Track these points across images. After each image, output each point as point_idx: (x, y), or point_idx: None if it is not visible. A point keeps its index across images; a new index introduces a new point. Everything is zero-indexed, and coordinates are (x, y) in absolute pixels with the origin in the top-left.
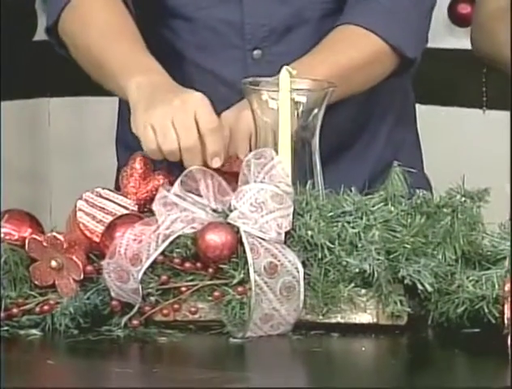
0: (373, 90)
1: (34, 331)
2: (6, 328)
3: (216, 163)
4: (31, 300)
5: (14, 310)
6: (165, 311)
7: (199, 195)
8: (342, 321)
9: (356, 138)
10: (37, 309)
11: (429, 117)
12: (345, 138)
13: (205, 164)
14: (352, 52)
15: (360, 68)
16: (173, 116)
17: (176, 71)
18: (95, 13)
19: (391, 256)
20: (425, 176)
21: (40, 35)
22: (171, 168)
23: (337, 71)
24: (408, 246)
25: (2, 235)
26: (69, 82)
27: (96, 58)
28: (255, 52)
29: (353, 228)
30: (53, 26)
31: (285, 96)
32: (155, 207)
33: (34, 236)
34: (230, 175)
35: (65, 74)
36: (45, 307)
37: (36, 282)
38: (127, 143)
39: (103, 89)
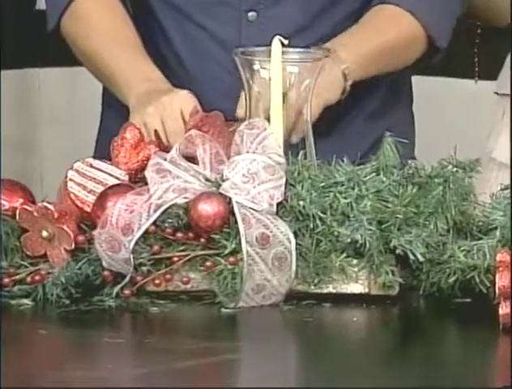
0: None
1: (25, 300)
2: None
3: None
4: (22, 270)
5: (6, 280)
6: (157, 281)
7: (195, 161)
8: (333, 291)
9: (343, 113)
10: (29, 279)
11: (421, 88)
12: (332, 114)
13: None
14: (394, 31)
15: (399, 48)
16: (163, 110)
17: (172, 26)
18: (96, 20)
19: (383, 226)
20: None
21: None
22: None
23: (382, 49)
24: (400, 216)
25: None
26: (60, 51)
27: (98, 66)
28: (250, 13)
29: (345, 198)
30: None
31: (277, 66)
32: (147, 173)
33: (25, 206)
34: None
35: (56, 44)
36: (37, 277)
37: (28, 252)
38: (115, 105)
39: None
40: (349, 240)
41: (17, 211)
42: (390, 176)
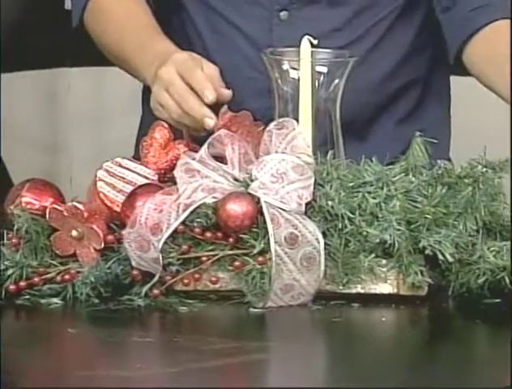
0: (400, 64)
1: (55, 300)
2: (27, 297)
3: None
4: (52, 269)
5: (36, 279)
6: (186, 281)
7: (224, 161)
8: (362, 291)
9: (380, 113)
10: (58, 278)
11: (455, 88)
12: (368, 113)
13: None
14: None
15: None
16: (178, 64)
17: (204, 24)
18: (110, 9)
19: (412, 226)
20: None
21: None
22: (192, 137)
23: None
24: (429, 217)
25: (24, 204)
26: (89, 52)
27: (118, 55)
28: (282, 13)
29: (374, 198)
30: (79, 27)
31: (306, 66)
32: (176, 173)
33: (55, 205)
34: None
35: (85, 44)
36: (66, 276)
37: (57, 251)
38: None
39: None
40: (378, 240)
41: (47, 211)
42: (420, 176)
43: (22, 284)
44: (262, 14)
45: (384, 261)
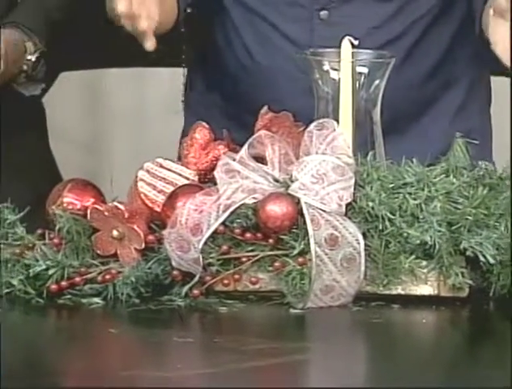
0: (440, 62)
1: (96, 299)
2: (68, 297)
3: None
4: (93, 269)
5: (77, 279)
6: (226, 281)
7: (264, 162)
8: (402, 292)
9: (421, 111)
10: (99, 278)
11: (497, 88)
12: (411, 111)
13: None
14: None
15: None
16: None
17: (245, 25)
18: None
19: (453, 228)
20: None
21: None
22: (232, 137)
23: None
24: (470, 218)
25: (65, 204)
26: (129, 53)
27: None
28: (322, 12)
29: (414, 199)
30: None
31: (347, 67)
32: (217, 174)
33: (96, 206)
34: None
35: (125, 46)
36: (107, 276)
37: (98, 251)
38: (193, 105)
39: (163, 60)
40: (418, 241)
41: (88, 211)
42: (460, 177)
43: (63, 283)
44: (303, 15)
45: (424, 262)
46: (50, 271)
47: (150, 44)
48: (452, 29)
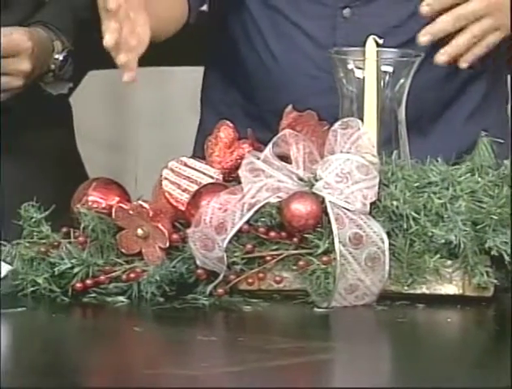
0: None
1: (120, 298)
2: (93, 295)
3: None
4: (118, 267)
5: (102, 277)
6: (250, 280)
7: (288, 161)
8: (427, 292)
9: (442, 110)
10: (124, 276)
11: None
12: (431, 110)
13: None
14: None
15: None
16: None
17: (267, 24)
18: None
19: (478, 227)
20: None
21: None
22: (256, 136)
23: None
24: (495, 217)
25: (90, 203)
26: (153, 52)
27: None
28: (345, 10)
29: (439, 198)
30: None
31: (371, 66)
32: (241, 172)
33: (121, 204)
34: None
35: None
36: (132, 275)
37: (123, 250)
38: (212, 104)
39: (186, 59)
40: (443, 240)
41: (113, 210)
42: (485, 176)
43: (88, 282)
44: (325, 13)
45: (449, 262)
46: (75, 270)
47: (126, 78)
48: None
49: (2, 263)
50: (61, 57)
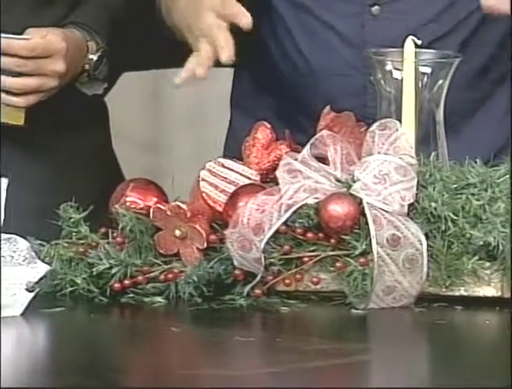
0: (493, 58)
1: (158, 298)
2: (131, 295)
3: None
4: (155, 268)
5: (140, 278)
6: (287, 281)
7: (326, 162)
8: (465, 294)
9: (474, 110)
10: (162, 277)
11: None
12: (464, 109)
13: None
14: None
15: None
16: None
17: (295, 22)
18: None
19: None
20: None
21: None
22: (294, 137)
23: None
24: None
25: (128, 203)
26: (189, 53)
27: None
28: (374, 8)
29: (478, 200)
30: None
31: (409, 67)
32: (279, 174)
33: (159, 205)
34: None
35: (185, 46)
36: (170, 275)
37: (161, 250)
38: (242, 106)
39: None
40: (482, 242)
41: (151, 210)
42: None
43: (126, 282)
44: (354, 10)
45: (488, 263)
46: (113, 270)
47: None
48: (504, 25)
49: (41, 263)
50: (95, 58)
